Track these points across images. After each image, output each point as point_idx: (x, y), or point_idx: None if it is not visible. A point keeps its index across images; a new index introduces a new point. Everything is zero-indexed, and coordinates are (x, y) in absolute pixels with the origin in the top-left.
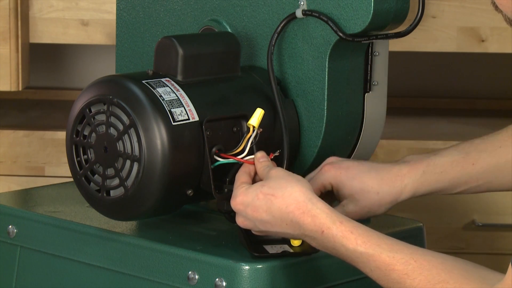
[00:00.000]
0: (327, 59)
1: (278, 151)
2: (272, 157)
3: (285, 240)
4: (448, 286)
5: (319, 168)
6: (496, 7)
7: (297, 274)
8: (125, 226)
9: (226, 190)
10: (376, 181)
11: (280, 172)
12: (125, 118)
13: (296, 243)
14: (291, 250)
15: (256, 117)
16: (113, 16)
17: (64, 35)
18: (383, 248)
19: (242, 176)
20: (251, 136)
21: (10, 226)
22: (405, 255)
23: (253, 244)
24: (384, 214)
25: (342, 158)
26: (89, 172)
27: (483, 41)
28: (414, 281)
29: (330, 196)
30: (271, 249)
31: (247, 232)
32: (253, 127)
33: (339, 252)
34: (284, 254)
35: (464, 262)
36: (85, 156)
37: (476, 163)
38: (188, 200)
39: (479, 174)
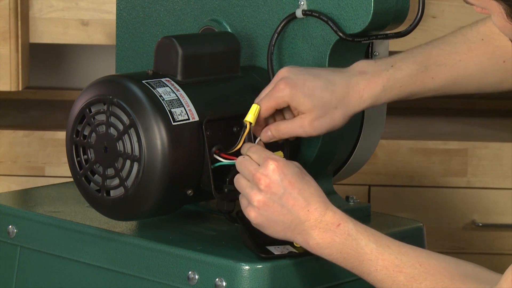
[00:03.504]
0: (327, 59)
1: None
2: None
3: (288, 241)
4: None
5: (272, 83)
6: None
7: (297, 274)
8: (125, 226)
9: (226, 190)
10: (335, 96)
11: (276, 181)
12: (125, 118)
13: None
14: (295, 251)
15: (252, 113)
16: (113, 16)
17: (64, 35)
18: (392, 249)
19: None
20: (248, 133)
21: (10, 226)
22: (411, 258)
23: (257, 245)
24: (383, 213)
25: (296, 70)
26: (89, 172)
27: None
28: (420, 285)
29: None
30: (275, 250)
31: (251, 234)
32: (250, 123)
33: (346, 248)
34: (290, 255)
35: (466, 265)
36: (85, 156)
37: (436, 77)
38: (188, 200)
39: (438, 87)
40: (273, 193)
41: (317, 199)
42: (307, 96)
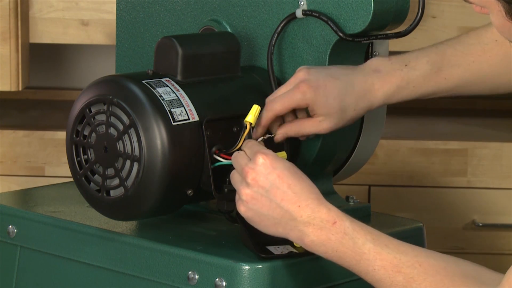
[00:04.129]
0: (327, 59)
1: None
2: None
3: (288, 241)
4: None
5: (291, 84)
6: None
7: (297, 274)
8: (125, 226)
9: (226, 190)
10: (354, 98)
11: (265, 178)
12: (125, 118)
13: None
14: (296, 251)
15: (253, 114)
16: (113, 16)
17: (64, 35)
18: (391, 248)
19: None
20: (248, 133)
21: (10, 226)
22: (410, 258)
23: (257, 245)
24: (383, 213)
25: (314, 71)
26: (89, 172)
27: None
28: (420, 286)
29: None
30: (275, 250)
31: (251, 234)
32: (250, 124)
33: (342, 247)
34: (290, 255)
35: (466, 265)
36: (85, 156)
37: (449, 78)
38: (188, 200)
39: (450, 88)
40: (260, 186)
41: (308, 195)
42: (329, 99)
